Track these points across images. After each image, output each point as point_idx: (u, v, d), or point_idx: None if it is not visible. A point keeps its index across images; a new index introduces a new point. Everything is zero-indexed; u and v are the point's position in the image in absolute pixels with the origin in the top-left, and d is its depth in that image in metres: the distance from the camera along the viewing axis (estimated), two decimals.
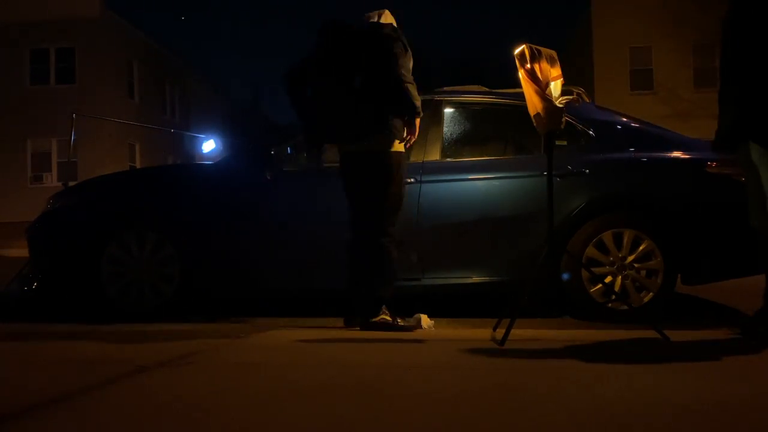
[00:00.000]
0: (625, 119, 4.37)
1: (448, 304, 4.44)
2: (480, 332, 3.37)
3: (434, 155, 4.14)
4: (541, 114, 3.17)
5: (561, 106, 3.19)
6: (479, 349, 2.94)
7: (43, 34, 21.21)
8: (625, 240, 3.90)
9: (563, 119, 3.20)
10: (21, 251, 5.02)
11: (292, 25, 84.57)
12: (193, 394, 2.17)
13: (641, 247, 3.89)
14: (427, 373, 2.46)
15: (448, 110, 4.28)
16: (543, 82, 3.19)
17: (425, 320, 3.72)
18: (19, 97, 21.31)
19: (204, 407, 2.00)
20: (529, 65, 3.19)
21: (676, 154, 4.10)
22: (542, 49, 3.26)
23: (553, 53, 3.27)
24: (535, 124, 3.26)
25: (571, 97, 3.43)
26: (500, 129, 4.68)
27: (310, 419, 1.88)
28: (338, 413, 1.94)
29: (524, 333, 3.25)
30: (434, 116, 4.20)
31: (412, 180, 4.01)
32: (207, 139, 8.50)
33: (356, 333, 3.46)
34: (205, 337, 3.25)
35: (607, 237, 3.91)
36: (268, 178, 4.13)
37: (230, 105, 35.83)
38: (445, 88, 4.54)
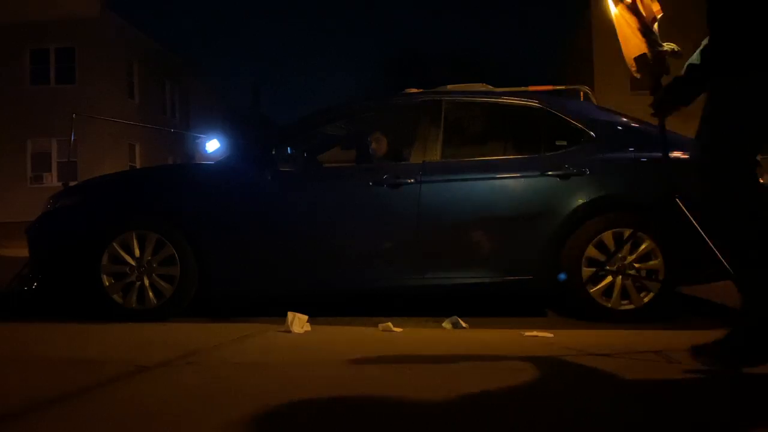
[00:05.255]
0: (625, 119, 4.36)
1: (448, 305, 4.43)
2: (479, 332, 3.37)
3: (434, 155, 4.13)
4: (648, 55, 2.61)
5: (667, 49, 2.64)
6: (480, 349, 2.93)
7: (43, 34, 21.18)
8: (626, 240, 3.89)
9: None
10: (21, 251, 5.01)
11: (293, 24, 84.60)
12: (193, 394, 2.16)
13: (641, 247, 3.88)
14: (428, 373, 2.46)
15: (449, 110, 4.27)
16: (648, 17, 2.62)
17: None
18: (19, 97, 21.28)
19: (204, 407, 2.00)
20: None
21: (676, 154, 4.10)
22: None
23: None
24: (633, 69, 2.70)
25: (674, 46, 2.76)
26: (501, 129, 4.69)
27: (311, 419, 1.88)
28: (338, 413, 1.94)
29: (525, 333, 3.26)
30: (435, 116, 4.20)
31: (412, 180, 4.01)
32: (210, 139, 8.53)
33: (357, 333, 3.46)
34: (206, 337, 3.24)
35: (607, 237, 3.91)
36: (269, 178, 4.14)
37: (230, 105, 35.78)
38: (448, 87, 4.53)
